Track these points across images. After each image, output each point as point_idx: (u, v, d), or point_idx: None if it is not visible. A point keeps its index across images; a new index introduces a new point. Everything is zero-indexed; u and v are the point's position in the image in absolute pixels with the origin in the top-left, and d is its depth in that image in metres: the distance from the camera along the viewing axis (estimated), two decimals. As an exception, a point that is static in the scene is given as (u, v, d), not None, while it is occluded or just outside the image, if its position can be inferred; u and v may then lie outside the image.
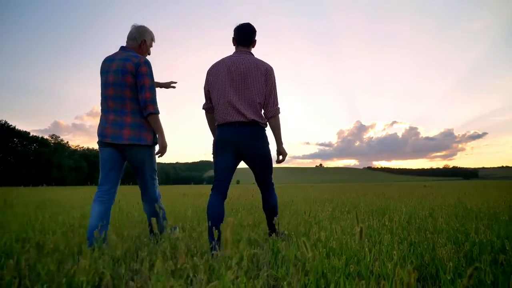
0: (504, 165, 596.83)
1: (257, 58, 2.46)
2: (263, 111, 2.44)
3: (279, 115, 2.47)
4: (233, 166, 2.43)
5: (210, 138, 2.62)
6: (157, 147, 2.51)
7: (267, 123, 2.47)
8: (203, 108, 2.61)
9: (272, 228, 2.56)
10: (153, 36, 2.67)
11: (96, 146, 2.50)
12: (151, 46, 2.67)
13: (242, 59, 2.39)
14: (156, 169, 2.61)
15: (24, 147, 73.04)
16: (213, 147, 2.46)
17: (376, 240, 2.34)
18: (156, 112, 2.41)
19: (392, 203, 5.40)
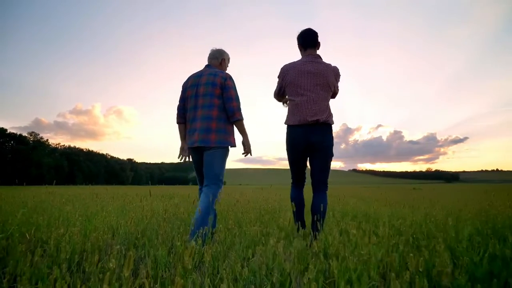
0: (484, 169, 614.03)
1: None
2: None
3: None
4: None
5: None
6: (239, 148, 2.86)
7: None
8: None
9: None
10: (229, 57, 3.10)
11: (78, 145, 2.13)
12: (228, 63, 3.10)
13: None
14: (224, 170, 2.84)
15: (1, 145, 70.43)
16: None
17: None
18: (242, 118, 2.77)
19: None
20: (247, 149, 2.87)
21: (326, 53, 2.82)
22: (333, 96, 2.79)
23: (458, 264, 1.83)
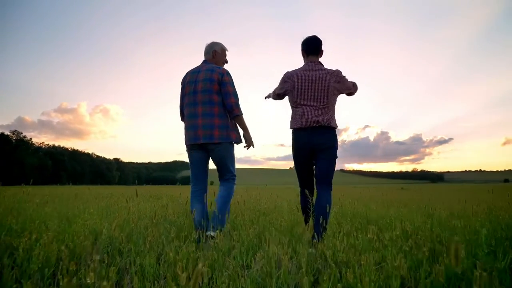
0: (467, 170, 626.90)
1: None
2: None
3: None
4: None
5: (183, 138, 2.85)
6: (242, 143, 2.89)
7: None
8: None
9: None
10: (223, 46, 3.02)
11: (62, 144, 1.94)
12: (224, 54, 3.03)
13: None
14: (235, 165, 2.89)
15: (-20, 143, 68.49)
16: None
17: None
18: (241, 114, 2.78)
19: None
20: (249, 142, 2.91)
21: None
22: (350, 94, 2.86)
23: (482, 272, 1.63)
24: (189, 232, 2.73)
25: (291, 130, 2.79)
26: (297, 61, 2.97)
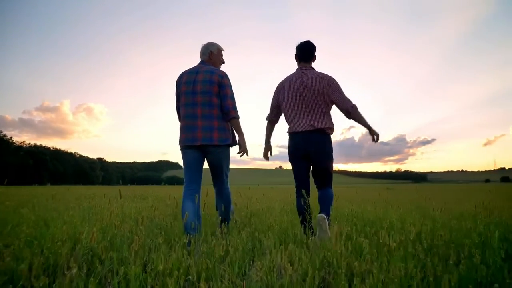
0: (449, 170, 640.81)
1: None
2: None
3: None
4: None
5: (169, 138, 2.48)
6: (236, 148, 2.84)
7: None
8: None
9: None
10: (219, 46, 2.98)
11: (44, 143, 1.72)
12: (220, 54, 3.00)
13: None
14: (229, 168, 2.91)
15: (-44, 142, 66.17)
16: None
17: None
18: (237, 117, 2.76)
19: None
20: (243, 149, 2.83)
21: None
22: (348, 114, 2.74)
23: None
24: (179, 236, 2.53)
25: (288, 133, 2.82)
26: (284, 62, 2.85)
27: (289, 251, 1.84)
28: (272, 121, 3.00)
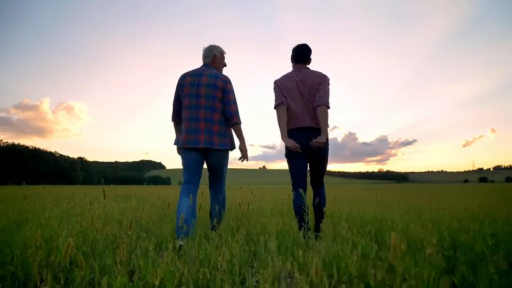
0: (430, 170, 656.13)
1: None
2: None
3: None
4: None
5: (152, 138, 2.58)
6: (236, 152, 2.92)
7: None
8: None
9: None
10: (221, 49, 2.99)
11: (23, 142, 1.60)
12: (223, 57, 3.00)
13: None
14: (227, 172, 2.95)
15: None
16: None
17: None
18: (240, 123, 2.77)
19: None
20: (244, 154, 2.90)
21: (283, 55, 3.30)
22: (319, 101, 2.72)
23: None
24: (169, 240, 2.31)
25: (288, 128, 2.76)
26: (270, 64, 2.89)
27: (296, 256, 1.66)
28: (284, 102, 2.74)
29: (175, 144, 2.91)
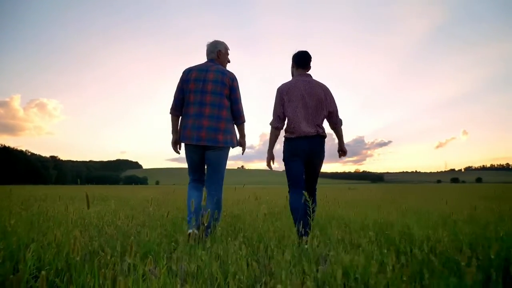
0: (404, 171, 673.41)
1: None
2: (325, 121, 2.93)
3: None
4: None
5: (129, 136, 2.57)
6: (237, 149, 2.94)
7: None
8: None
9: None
10: (226, 45, 2.95)
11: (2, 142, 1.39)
12: (227, 54, 2.96)
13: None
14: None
15: None
16: None
17: None
18: (245, 121, 2.88)
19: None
20: (243, 149, 3.02)
21: (264, 55, 4.16)
22: (332, 116, 2.92)
23: None
24: (156, 251, 2.04)
25: (289, 138, 2.83)
26: (249, 67, 3.04)
27: (309, 270, 1.43)
28: (280, 127, 2.89)
29: (174, 140, 2.83)
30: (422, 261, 1.67)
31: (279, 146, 3.06)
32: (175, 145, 2.86)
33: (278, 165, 3.11)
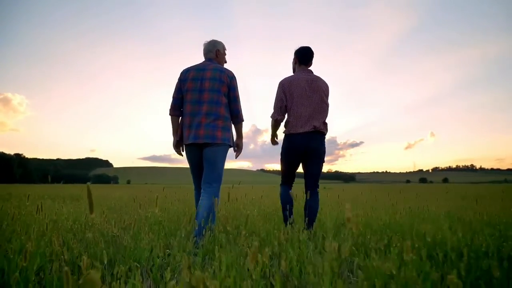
0: (375, 171, 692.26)
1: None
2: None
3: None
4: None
5: (99, 134, 2.52)
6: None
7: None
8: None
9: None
10: (224, 45, 2.95)
11: None
12: (225, 53, 2.95)
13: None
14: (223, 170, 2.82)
15: None
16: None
17: None
18: (244, 120, 2.84)
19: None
20: (240, 150, 2.91)
21: (241, 56, 3.89)
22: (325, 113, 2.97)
23: None
24: (139, 256, 1.72)
25: (288, 133, 2.87)
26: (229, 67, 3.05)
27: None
28: (280, 120, 2.96)
29: (176, 142, 2.78)
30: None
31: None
32: (177, 147, 2.81)
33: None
